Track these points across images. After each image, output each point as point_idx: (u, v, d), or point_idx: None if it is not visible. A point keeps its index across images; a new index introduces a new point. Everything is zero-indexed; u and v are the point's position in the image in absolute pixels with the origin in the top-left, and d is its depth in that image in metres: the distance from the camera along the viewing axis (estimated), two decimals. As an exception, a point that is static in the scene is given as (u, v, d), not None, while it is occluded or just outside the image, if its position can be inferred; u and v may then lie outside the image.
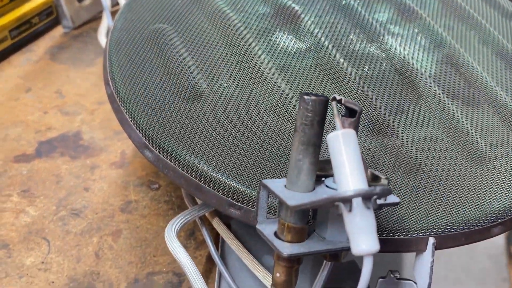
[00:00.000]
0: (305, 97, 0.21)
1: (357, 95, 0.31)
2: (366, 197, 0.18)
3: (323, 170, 0.24)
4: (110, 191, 0.39)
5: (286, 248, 0.21)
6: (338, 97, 0.22)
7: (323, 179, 0.24)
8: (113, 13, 0.54)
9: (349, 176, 0.19)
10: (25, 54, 0.53)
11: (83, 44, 0.54)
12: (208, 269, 0.34)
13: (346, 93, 0.31)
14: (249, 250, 0.31)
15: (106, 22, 0.53)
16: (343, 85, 0.32)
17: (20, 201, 0.37)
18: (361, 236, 0.18)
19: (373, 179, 0.23)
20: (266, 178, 0.27)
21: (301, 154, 0.22)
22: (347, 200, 0.18)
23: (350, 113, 0.22)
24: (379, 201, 0.20)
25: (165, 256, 0.34)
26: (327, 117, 0.23)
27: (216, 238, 0.34)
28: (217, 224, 0.33)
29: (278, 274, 0.23)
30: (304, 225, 0.22)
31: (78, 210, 0.37)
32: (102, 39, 0.52)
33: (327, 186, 0.23)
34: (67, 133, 0.43)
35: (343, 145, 0.19)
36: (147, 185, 0.39)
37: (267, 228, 0.23)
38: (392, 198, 0.22)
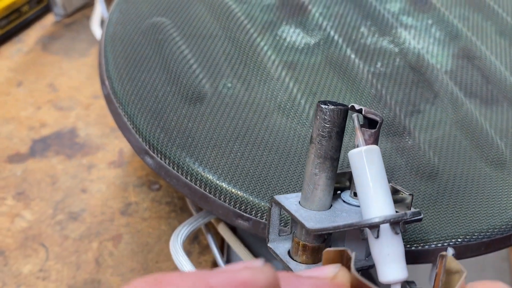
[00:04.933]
0: (323, 106, 0.19)
1: (370, 94, 0.29)
2: (395, 223, 0.17)
3: (338, 182, 0.22)
4: (108, 192, 0.37)
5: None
6: (357, 107, 0.20)
7: (338, 192, 0.22)
8: (106, 0, 0.52)
9: (375, 199, 0.17)
10: (16, 45, 0.50)
11: (75, 33, 0.52)
12: (213, 275, 0.32)
13: (359, 93, 0.29)
14: (256, 256, 0.30)
15: (99, 9, 0.50)
16: (355, 84, 0.30)
17: (15, 205, 0.36)
18: (389, 264, 0.17)
19: (394, 193, 0.21)
20: (275, 187, 0.25)
21: (317, 168, 0.20)
22: (375, 226, 0.17)
23: (370, 123, 0.21)
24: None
25: (168, 262, 0.33)
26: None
27: (221, 243, 0.33)
28: (223, 230, 0.31)
29: (292, 295, 0.21)
30: (320, 243, 0.21)
31: (76, 213, 0.35)
32: (95, 29, 0.50)
33: (344, 201, 0.22)
34: (62, 130, 0.42)
35: (366, 164, 0.18)
36: (147, 185, 0.37)
37: (279, 247, 0.22)
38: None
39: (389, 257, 0.17)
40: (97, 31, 0.49)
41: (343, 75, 0.30)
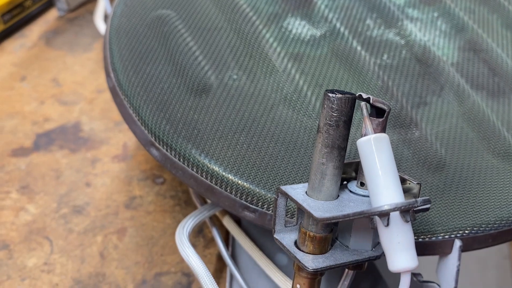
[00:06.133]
0: (330, 95, 0.19)
1: (377, 86, 0.29)
2: (405, 210, 0.17)
3: (344, 173, 0.22)
4: (113, 186, 0.37)
5: (311, 262, 0.20)
6: (365, 95, 0.20)
7: (344, 182, 0.22)
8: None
9: (385, 187, 0.17)
10: (19, 40, 0.50)
11: (79, 28, 0.52)
12: (218, 269, 0.32)
13: (366, 84, 0.29)
14: (261, 247, 0.30)
15: (102, 4, 0.50)
16: (361, 76, 0.30)
17: (19, 198, 0.36)
18: (399, 252, 0.16)
19: (401, 183, 0.21)
20: (282, 178, 0.25)
21: (324, 157, 0.20)
22: (385, 214, 0.17)
23: (377, 112, 0.21)
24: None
25: (173, 255, 0.33)
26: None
27: (226, 236, 0.33)
28: (228, 223, 0.31)
29: (298, 286, 0.21)
30: (327, 234, 0.21)
31: (80, 207, 0.35)
32: (99, 23, 0.50)
33: (350, 191, 0.21)
34: (66, 124, 0.42)
35: (375, 152, 0.17)
36: (151, 179, 0.37)
37: (286, 238, 0.21)
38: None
39: (399, 245, 0.16)
40: (101, 26, 0.49)
41: (349, 67, 0.30)
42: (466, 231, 0.25)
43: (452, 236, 0.25)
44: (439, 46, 0.32)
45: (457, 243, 0.24)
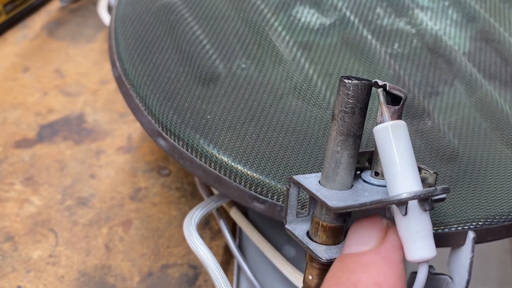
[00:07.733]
0: (346, 81, 0.19)
1: (388, 75, 0.29)
2: (424, 199, 0.16)
3: (357, 162, 0.21)
4: (118, 178, 0.36)
5: (324, 252, 0.19)
6: (381, 82, 0.20)
7: (358, 172, 0.22)
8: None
9: (403, 175, 0.16)
10: (21, 31, 0.49)
11: (82, 18, 0.51)
12: (225, 261, 0.32)
13: (377, 73, 0.29)
14: (268, 239, 0.30)
15: (106, -6, 0.50)
16: (372, 65, 0.29)
17: (23, 190, 0.35)
18: (417, 241, 0.16)
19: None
20: (292, 169, 0.25)
21: (339, 145, 0.19)
22: (403, 203, 0.16)
23: (392, 100, 0.20)
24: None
25: (179, 247, 0.32)
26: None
27: (233, 228, 0.32)
28: (235, 214, 0.31)
29: (310, 277, 0.21)
30: (341, 224, 0.20)
31: (85, 199, 0.35)
32: (103, 14, 0.49)
33: (364, 181, 0.21)
34: (70, 115, 0.41)
35: (393, 139, 0.17)
36: (156, 171, 0.37)
37: (297, 228, 0.21)
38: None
39: (418, 235, 0.16)
40: (105, 16, 0.48)
41: (360, 56, 0.30)
42: (480, 223, 0.24)
43: (465, 227, 0.24)
44: (451, 35, 0.32)
45: (471, 235, 0.24)
